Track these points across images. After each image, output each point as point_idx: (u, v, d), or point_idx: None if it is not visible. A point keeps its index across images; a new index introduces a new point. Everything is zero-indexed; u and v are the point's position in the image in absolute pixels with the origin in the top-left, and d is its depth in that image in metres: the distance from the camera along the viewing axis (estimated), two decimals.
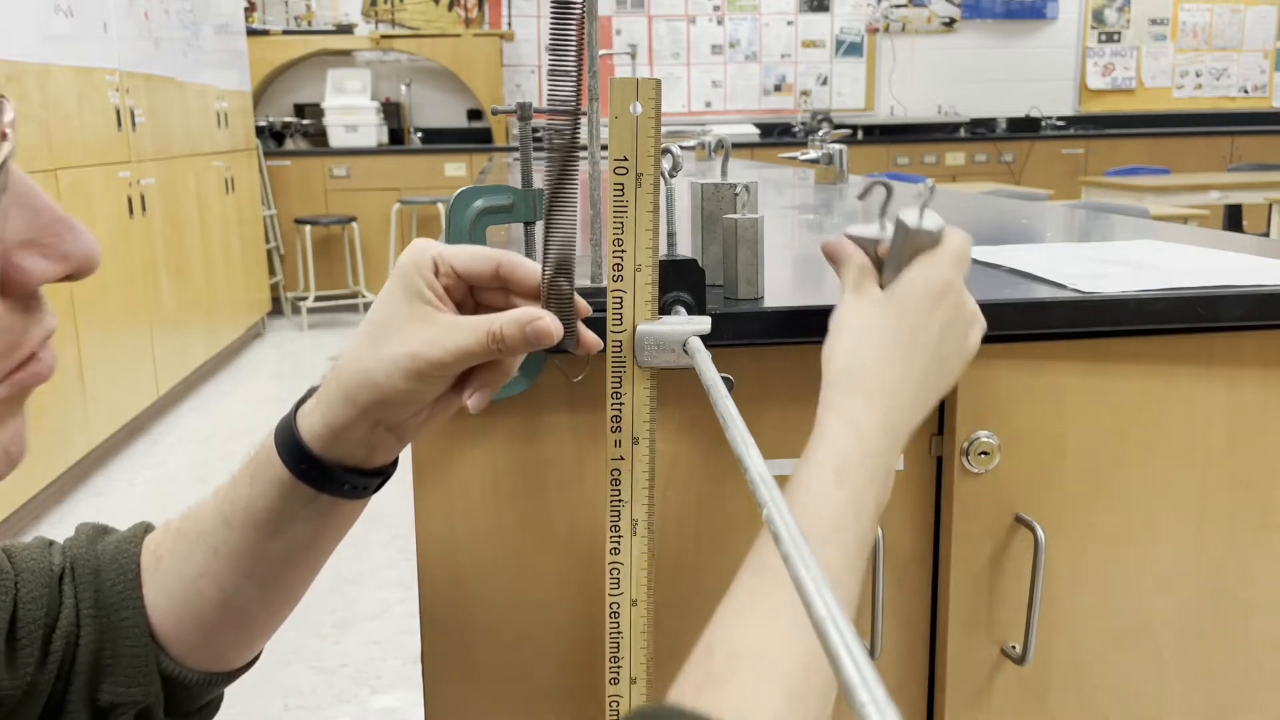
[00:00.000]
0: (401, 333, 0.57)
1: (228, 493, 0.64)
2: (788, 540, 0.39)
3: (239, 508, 0.63)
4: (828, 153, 2.26)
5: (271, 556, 0.64)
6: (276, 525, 0.63)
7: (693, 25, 6.89)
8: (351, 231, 6.02)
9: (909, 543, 0.81)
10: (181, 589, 0.65)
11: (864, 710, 0.31)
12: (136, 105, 3.95)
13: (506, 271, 0.59)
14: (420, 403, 0.59)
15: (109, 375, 3.50)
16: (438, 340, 0.56)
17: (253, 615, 0.67)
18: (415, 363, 0.56)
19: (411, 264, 0.58)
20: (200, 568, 0.64)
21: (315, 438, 0.60)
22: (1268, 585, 0.84)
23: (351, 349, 0.59)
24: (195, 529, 0.65)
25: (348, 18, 6.52)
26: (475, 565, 0.78)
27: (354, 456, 0.61)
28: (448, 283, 0.59)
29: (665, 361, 0.63)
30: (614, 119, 0.60)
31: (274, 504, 0.62)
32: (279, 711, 2.09)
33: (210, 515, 0.65)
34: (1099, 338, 0.78)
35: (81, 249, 0.46)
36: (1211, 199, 4.75)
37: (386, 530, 2.85)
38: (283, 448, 0.61)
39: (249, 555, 0.64)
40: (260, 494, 0.62)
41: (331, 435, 0.60)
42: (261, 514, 0.62)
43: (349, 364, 0.59)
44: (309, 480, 0.61)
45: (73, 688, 0.63)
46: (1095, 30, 7.14)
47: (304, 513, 0.62)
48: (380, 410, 0.58)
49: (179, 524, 0.67)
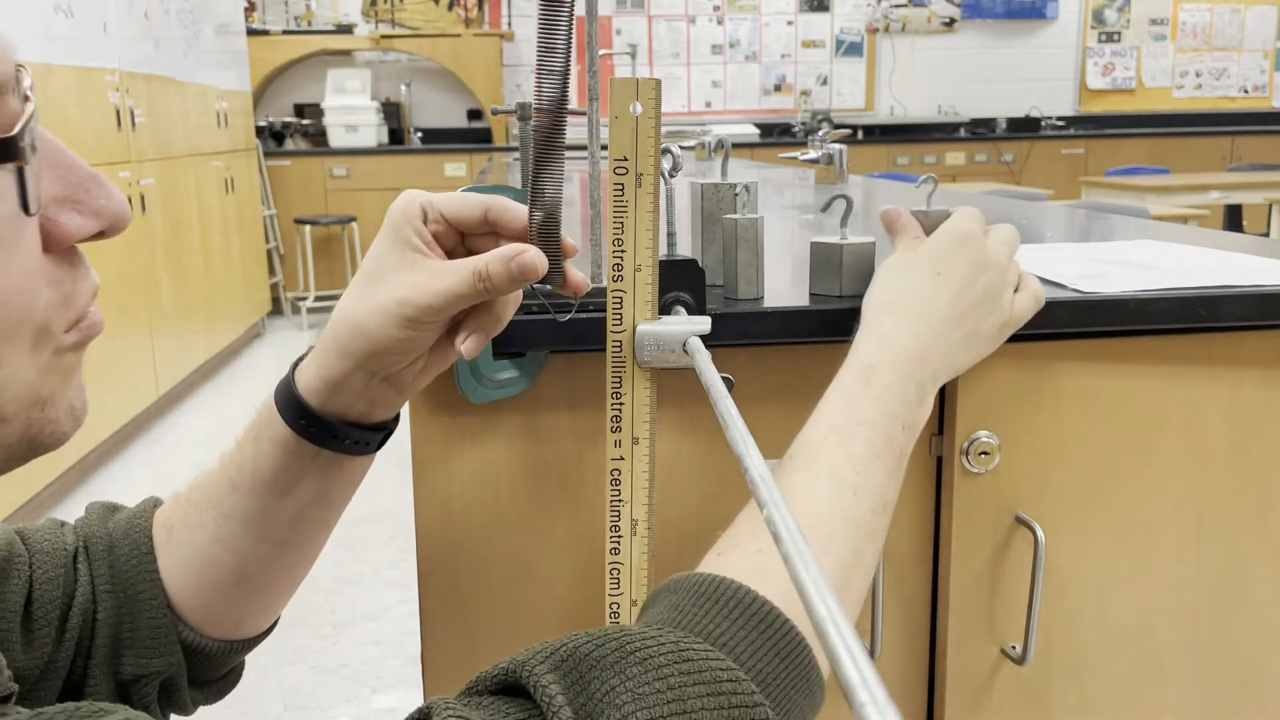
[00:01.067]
0: (391, 280, 0.57)
1: (233, 457, 0.65)
2: (788, 540, 0.39)
3: (245, 471, 0.64)
4: (828, 153, 2.26)
5: (281, 517, 0.64)
6: (283, 485, 0.63)
7: (693, 25, 6.89)
8: (351, 231, 6.02)
9: (909, 543, 0.81)
10: (196, 557, 0.66)
11: (864, 710, 0.30)
12: (136, 105, 3.95)
13: (495, 216, 0.59)
14: (414, 351, 0.59)
15: (109, 375, 3.50)
16: (425, 285, 0.56)
17: (268, 578, 0.68)
18: (404, 309, 0.56)
19: (400, 212, 0.59)
20: (212, 534, 0.65)
21: (313, 392, 0.60)
22: (1268, 585, 0.84)
23: (344, 300, 0.60)
24: (204, 497, 0.66)
25: (348, 18, 6.53)
26: (475, 566, 0.78)
27: (354, 410, 0.61)
28: (437, 229, 0.59)
29: (665, 361, 0.63)
30: (614, 119, 0.60)
31: (278, 464, 0.62)
32: (279, 711, 2.09)
33: (218, 482, 0.66)
34: (1099, 338, 0.78)
35: (114, 206, 0.48)
36: (1211, 199, 4.75)
37: (386, 530, 2.85)
38: (282, 405, 0.61)
39: (259, 518, 0.64)
40: (264, 454, 0.63)
41: (329, 389, 0.60)
42: (267, 475, 0.63)
43: (342, 315, 0.59)
44: (310, 437, 0.61)
45: (93, 662, 0.64)
46: (1095, 30, 7.14)
47: (309, 470, 0.63)
48: (375, 361, 0.59)
49: (188, 494, 0.68)
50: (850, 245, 0.78)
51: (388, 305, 0.57)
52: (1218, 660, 0.84)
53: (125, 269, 3.74)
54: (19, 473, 0.48)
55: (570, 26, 0.55)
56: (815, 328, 0.76)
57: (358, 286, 0.59)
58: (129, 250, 3.79)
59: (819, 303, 0.77)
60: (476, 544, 0.78)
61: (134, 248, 3.85)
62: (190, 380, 4.50)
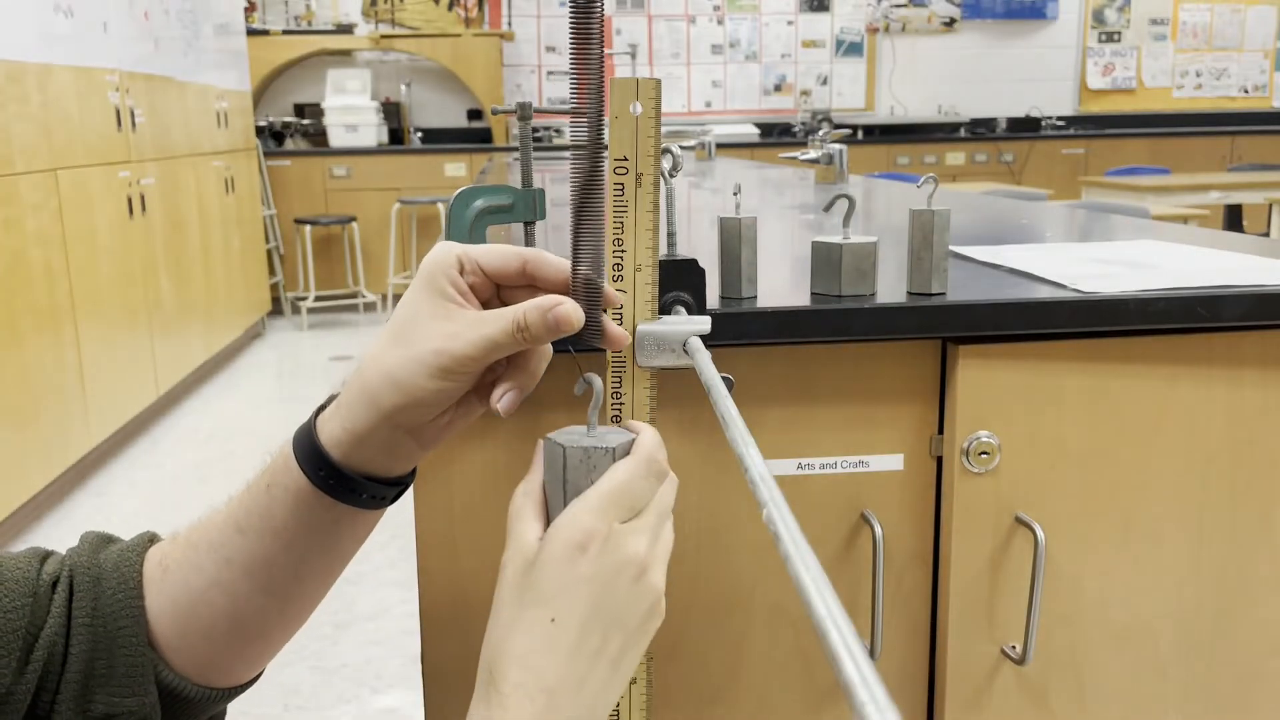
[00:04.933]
0: (426, 330, 0.56)
1: (242, 501, 0.63)
2: (787, 540, 0.39)
3: (254, 515, 0.62)
4: (828, 153, 2.26)
5: (285, 567, 0.63)
6: (293, 535, 0.61)
7: (693, 25, 6.88)
8: (351, 231, 6.02)
9: (909, 543, 0.81)
10: (189, 599, 0.64)
11: (864, 710, 0.30)
12: (136, 105, 3.95)
13: (533, 269, 0.58)
14: (445, 403, 0.58)
15: (109, 375, 3.50)
16: (463, 334, 0.55)
17: (262, 628, 0.66)
18: (440, 359, 0.55)
19: (436, 263, 0.57)
20: (211, 577, 0.63)
21: (336, 444, 0.59)
22: (1268, 585, 0.84)
23: (374, 350, 0.58)
24: (206, 538, 0.64)
25: (348, 18, 6.52)
26: (475, 565, 0.78)
27: (374, 464, 0.60)
28: (474, 281, 0.58)
29: (665, 361, 0.63)
30: (614, 119, 0.60)
31: (291, 513, 0.61)
32: (279, 712, 2.09)
33: (223, 524, 0.63)
34: (1099, 338, 0.78)
35: None
36: (1211, 199, 4.75)
37: (386, 530, 2.85)
38: (302, 455, 0.60)
39: (263, 565, 0.62)
40: (277, 501, 0.61)
41: (353, 441, 0.59)
42: (277, 523, 0.61)
43: (373, 365, 0.58)
44: (328, 489, 0.60)
45: (61, 697, 0.62)
46: (1095, 30, 7.14)
47: (321, 522, 0.61)
48: (404, 413, 0.57)
49: (188, 534, 0.66)
50: (851, 245, 0.78)
51: (423, 355, 0.56)
52: (1218, 660, 0.84)
53: (125, 269, 3.74)
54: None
55: (603, 68, 0.55)
56: (815, 328, 0.76)
57: (390, 338, 0.58)
58: (129, 250, 3.79)
59: (819, 302, 0.77)
60: (476, 544, 0.78)
61: (134, 248, 3.84)
62: (190, 380, 4.49)
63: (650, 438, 0.58)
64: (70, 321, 3.24)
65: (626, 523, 0.54)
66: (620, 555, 0.53)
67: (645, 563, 0.54)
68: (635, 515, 0.55)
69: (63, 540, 2.63)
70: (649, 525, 0.55)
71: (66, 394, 3.17)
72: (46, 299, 3.10)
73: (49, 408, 3.05)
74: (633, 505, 0.55)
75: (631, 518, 0.54)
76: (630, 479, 0.55)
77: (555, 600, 0.52)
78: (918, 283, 0.79)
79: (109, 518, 3.09)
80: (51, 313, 3.13)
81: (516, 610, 0.53)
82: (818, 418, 0.78)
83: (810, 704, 0.83)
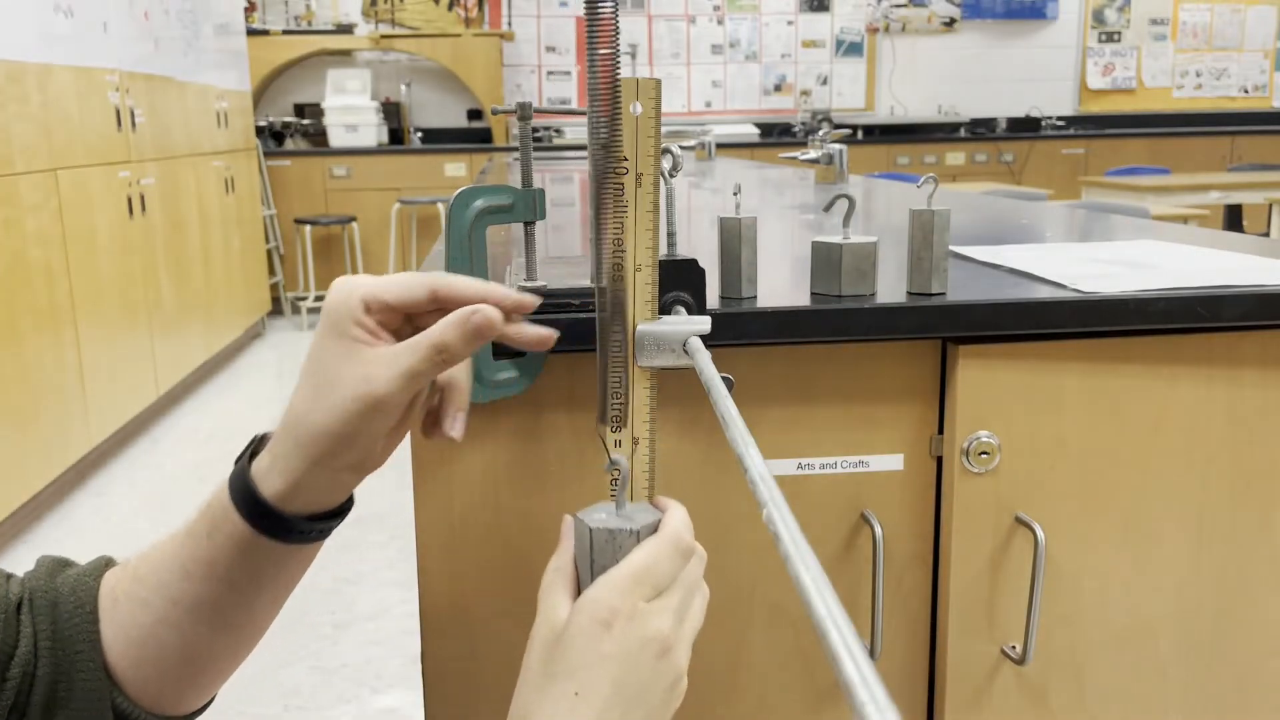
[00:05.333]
0: (340, 377, 0.56)
1: (186, 545, 0.63)
2: (787, 540, 0.39)
3: (199, 562, 0.62)
4: (828, 153, 2.26)
5: (234, 605, 0.63)
6: (238, 577, 0.62)
7: (693, 25, 6.88)
8: (351, 231, 6.02)
9: (909, 543, 0.81)
10: (140, 634, 0.64)
11: (864, 710, 0.30)
12: (136, 105, 3.95)
13: (444, 293, 0.58)
14: (381, 436, 0.58)
15: (109, 375, 3.50)
16: (379, 374, 0.55)
17: (212, 659, 0.66)
18: (361, 403, 0.56)
19: (338, 306, 0.57)
20: (158, 615, 0.63)
21: (277, 495, 0.59)
22: (1268, 586, 0.84)
23: (295, 402, 0.58)
24: (154, 577, 0.64)
25: (348, 18, 6.52)
26: (475, 565, 0.78)
27: (317, 503, 0.61)
28: (382, 318, 0.57)
29: (665, 361, 0.63)
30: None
31: (235, 558, 0.61)
32: (279, 711, 2.09)
33: (169, 564, 0.64)
34: (1099, 338, 0.78)
35: None
36: (1211, 199, 4.75)
37: (386, 530, 2.85)
38: (242, 506, 0.60)
39: (210, 606, 0.63)
40: (220, 548, 0.61)
41: (294, 489, 0.59)
42: (222, 569, 0.61)
43: (298, 419, 0.58)
44: (272, 534, 0.60)
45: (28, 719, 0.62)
46: (1095, 30, 7.14)
47: (266, 562, 0.62)
48: (341, 457, 0.58)
49: (136, 567, 0.66)
50: (851, 245, 0.78)
51: (344, 403, 0.56)
52: (1218, 660, 0.84)
53: (125, 269, 3.74)
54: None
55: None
56: (815, 328, 0.76)
57: (308, 389, 0.58)
58: (129, 250, 3.79)
59: (819, 302, 0.77)
60: (476, 544, 0.78)
61: (134, 248, 3.84)
62: (190, 380, 4.49)
63: (677, 515, 0.58)
64: (70, 321, 3.24)
65: (651, 601, 0.55)
66: (644, 633, 0.54)
67: (669, 641, 0.54)
68: (660, 594, 0.55)
69: (62, 540, 2.64)
70: (673, 605, 0.55)
71: (66, 394, 3.17)
72: (46, 299, 3.10)
73: (49, 408, 3.05)
74: (657, 584, 0.55)
75: (656, 596, 0.55)
76: (656, 558, 0.55)
77: (580, 674, 0.53)
78: (918, 283, 0.79)
79: (109, 518, 3.09)
80: (51, 313, 3.12)
81: (543, 680, 0.54)
82: (817, 418, 0.78)
83: (810, 704, 0.83)
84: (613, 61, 0.57)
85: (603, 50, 0.57)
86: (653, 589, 0.55)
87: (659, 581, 0.55)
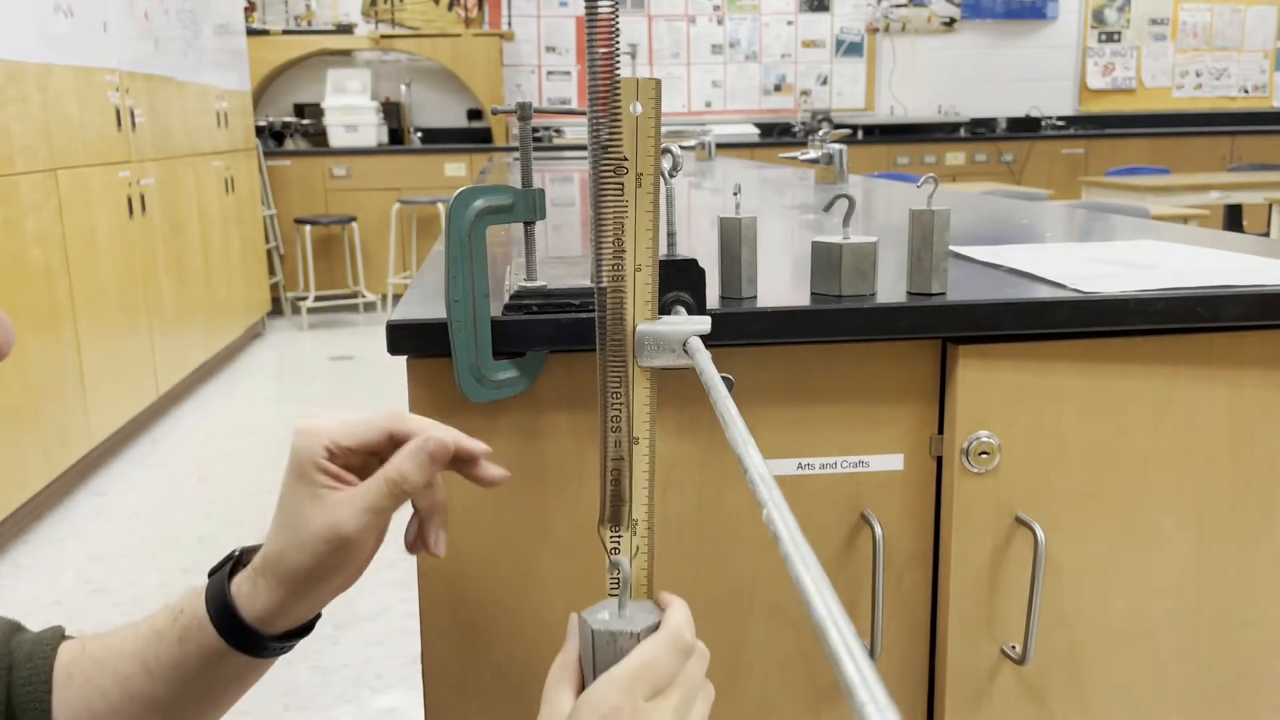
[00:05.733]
0: (309, 519, 0.60)
1: (149, 644, 0.65)
2: (787, 540, 0.39)
3: (164, 664, 0.64)
4: (828, 153, 2.26)
5: (190, 706, 0.66)
6: (202, 682, 0.65)
7: (693, 25, 6.88)
8: (351, 231, 6.02)
9: (909, 543, 0.81)
10: (91, 717, 0.65)
11: (864, 710, 0.30)
12: (136, 105, 3.95)
13: (400, 433, 0.62)
14: (354, 565, 0.63)
15: (109, 375, 3.50)
16: (345, 515, 0.60)
17: None
18: (334, 541, 0.60)
19: (303, 455, 0.61)
20: (113, 705, 0.65)
21: (257, 618, 0.63)
22: (1268, 585, 0.84)
23: (270, 542, 0.62)
24: (113, 667, 0.66)
25: (348, 18, 6.52)
26: (475, 565, 0.78)
27: (291, 623, 0.65)
28: (344, 461, 0.62)
29: (665, 361, 0.63)
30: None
31: (204, 666, 0.64)
32: (279, 712, 2.09)
33: (130, 658, 0.66)
34: (1099, 338, 0.78)
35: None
36: (1211, 199, 4.75)
37: (386, 530, 2.85)
38: (219, 622, 0.63)
39: (170, 704, 0.65)
40: (189, 655, 0.64)
41: (281, 614, 0.63)
42: (189, 671, 0.64)
43: (276, 559, 0.62)
44: (244, 650, 0.63)
45: None
46: (1095, 30, 7.14)
47: (234, 672, 0.65)
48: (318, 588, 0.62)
49: (95, 649, 0.67)
50: (851, 245, 0.78)
51: (316, 544, 0.60)
52: (1218, 660, 0.84)
53: (125, 269, 3.74)
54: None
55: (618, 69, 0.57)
56: (815, 328, 0.76)
57: (282, 530, 0.62)
58: (129, 250, 3.79)
59: (819, 302, 0.77)
60: (476, 544, 0.78)
61: (134, 248, 3.84)
62: (190, 380, 4.49)
63: (678, 614, 0.59)
64: (70, 321, 3.24)
65: (651, 700, 0.55)
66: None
67: None
68: (660, 693, 0.56)
69: (63, 541, 2.64)
70: (673, 703, 0.56)
71: (66, 394, 3.17)
72: (46, 299, 3.10)
73: (49, 408, 3.05)
74: (656, 683, 0.56)
75: (656, 695, 0.56)
76: (655, 656, 0.56)
77: None
78: (918, 283, 0.79)
79: (109, 518, 3.09)
80: (51, 313, 3.12)
81: None
82: (817, 418, 0.78)
83: (810, 704, 0.83)
84: (612, 61, 0.57)
85: (602, 50, 0.57)
86: (653, 688, 0.56)
87: (659, 680, 0.56)
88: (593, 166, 0.60)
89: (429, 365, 0.74)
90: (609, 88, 0.56)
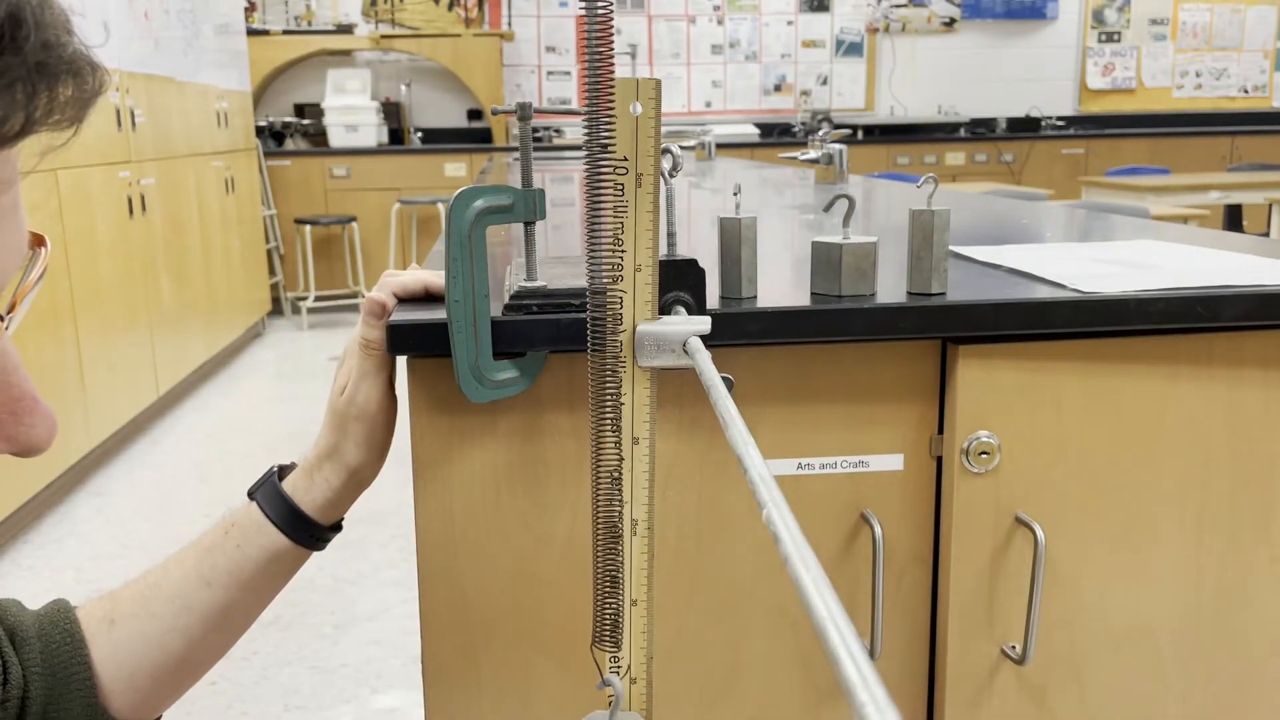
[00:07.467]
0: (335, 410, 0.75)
1: (204, 558, 0.72)
2: (787, 540, 0.39)
3: (222, 570, 0.72)
4: (828, 153, 2.26)
5: (244, 609, 0.73)
6: (260, 583, 0.73)
7: (693, 25, 6.88)
8: (351, 231, 6.02)
9: (909, 543, 0.81)
10: (144, 646, 0.71)
11: (864, 710, 0.30)
12: (136, 105, 3.95)
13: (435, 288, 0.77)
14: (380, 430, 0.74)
15: (109, 375, 3.50)
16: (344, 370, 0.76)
17: (203, 661, 0.75)
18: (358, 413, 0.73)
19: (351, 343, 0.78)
20: (168, 625, 0.71)
21: (319, 510, 0.73)
22: (1268, 585, 0.84)
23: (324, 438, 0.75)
24: (161, 592, 0.72)
25: (348, 18, 6.52)
26: (475, 565, 0.78)
27: (344, 509, 0.75)
28: None
29: (665, 361, 0.63)
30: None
31: (262, 567, 0.72)
32: (279, 711, 2.09)
33: (186, 576, 0.72)
34: (1099, 338, 0.78)
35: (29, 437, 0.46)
36: (1211, 199, 4.75)
37: (386, 530, 2.85)
38: (283, 522, 0.72)
39: (222, 612, 0.72)
40: (249, 559, 0.72)
41: (334, 504, 0.73)
42: (247, 576, 0.72)
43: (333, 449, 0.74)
44: (308, 544, 0.73)
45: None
46: (1095, 30, 7.14)
47: (287, 569, 0.74)
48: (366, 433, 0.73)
49: (133, 590, 0.73)
50: (851, 245, 0.78)
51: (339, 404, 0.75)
52: (1218, 660, 0.84)
53: (125, 269, 3.74)
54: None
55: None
56: (815, 328, 0.76)
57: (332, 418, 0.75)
58: (129, 250, 3.79)
59: (819, 302, 0.77)
60: (476, 544, 0.78)
61: (134, 248, 3.84)
62: (190, 380, 4.49)
63: None
64: (70, 321, 3.24)
65: None
66: None
67: None
68: None
69: (62, 540, 2.64)
70: None
71: (66, 394, 3.17)
72: (46, 299, 3.10)
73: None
74: None
75: None
76: None
77: None
78: (918, 283, 0.79)
79: (109, 518, 3.09)
80: (51, 312, 3.12)
81: None
82: (817, 418, 0.78)
83: (810, 704, 0.83)
84: (609, 60, 0.57)
85: (601, 50, 0.57)
86: None
87: None
88: (593, 167, 0.60)
89: (429, 365, 0.75)
90: (604, 87, 0.56)
